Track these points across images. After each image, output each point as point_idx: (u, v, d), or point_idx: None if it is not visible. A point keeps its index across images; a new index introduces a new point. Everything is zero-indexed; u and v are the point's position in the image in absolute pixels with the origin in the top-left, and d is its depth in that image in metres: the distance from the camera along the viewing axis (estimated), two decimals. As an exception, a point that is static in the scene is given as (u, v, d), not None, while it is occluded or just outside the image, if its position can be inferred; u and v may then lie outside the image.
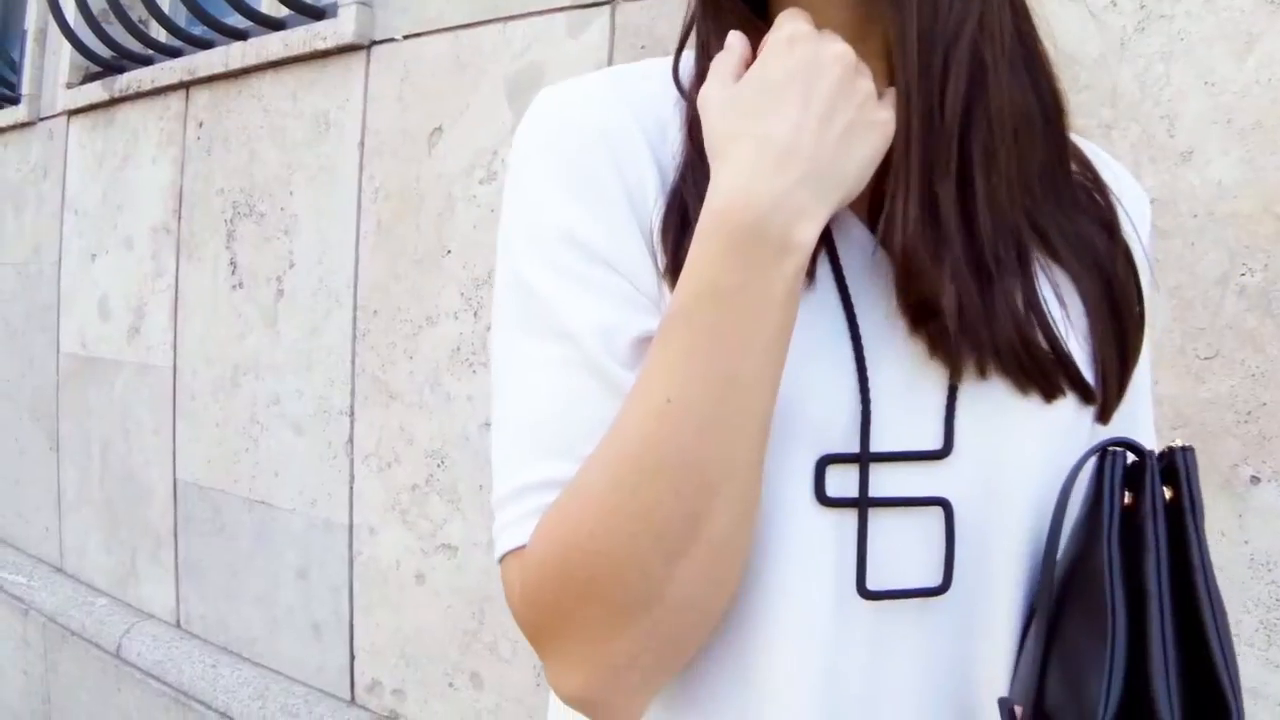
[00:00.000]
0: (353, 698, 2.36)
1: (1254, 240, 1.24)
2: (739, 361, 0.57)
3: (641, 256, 0.63)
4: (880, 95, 0.62)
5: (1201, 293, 1.28)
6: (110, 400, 3.09)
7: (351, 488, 2.31)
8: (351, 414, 2.30)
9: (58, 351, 3.35)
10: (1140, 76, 1.30)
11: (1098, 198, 0.71)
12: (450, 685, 2.13)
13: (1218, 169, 1.26)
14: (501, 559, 0.63)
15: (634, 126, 0.65)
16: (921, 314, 0.63)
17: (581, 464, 0.59)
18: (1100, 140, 1.30)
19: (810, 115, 0.59)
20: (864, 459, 0.62)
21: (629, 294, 0.63)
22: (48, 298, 3.40)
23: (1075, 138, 0.72)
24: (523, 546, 0.61)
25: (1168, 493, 0.58)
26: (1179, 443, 0.58)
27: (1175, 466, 0.58)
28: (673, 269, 0.61)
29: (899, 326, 0.64)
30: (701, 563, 0.58)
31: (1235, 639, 1.27)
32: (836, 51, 0.60)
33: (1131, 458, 0.60)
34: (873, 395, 0.62)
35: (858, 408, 0.62)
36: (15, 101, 3.66)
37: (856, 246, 0.65)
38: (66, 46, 3.24)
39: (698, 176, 0.63)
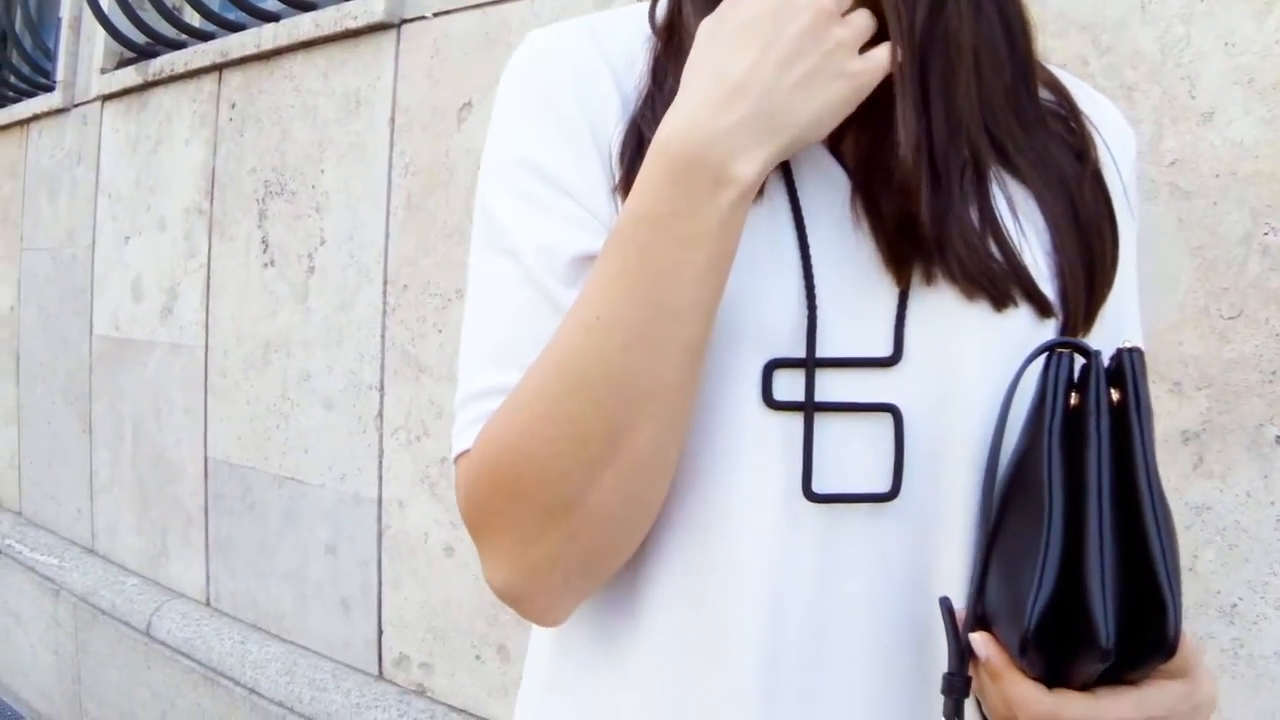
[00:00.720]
0: (380, 672, 2.41)
1: (1276, 199, 1.27)
2: (667, 286, 0.60)
3: (595, 180, 0.68)
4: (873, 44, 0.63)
5: (1224, 253, 1.30)
6: (142, 381, 3.16)
7: (381, 462, 2.36)
8: (381, 388, 2.35)
9: (91, 334, 3.43)
10: (1161, 38, 1.33)
11: (1072, 124, 0.73)
12: (477, 658, 2.18)
13: (1239, 129, 1.28)
14: (455, 460, 0.68)
15: (600, 62, 0.70)
16: (879, 220, 0.66)
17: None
18: (1122, 102, 1.33)
19: (768, 58, 0.61)
20: (809, 363, 0.65)
21: (576, 215, 0.67)
22: (81, 281, 3.47)
23: (1058, 71, 0.76)
24: (467, 450, 0.67)
25: (1115, 395, 0.58)
26: (1128, 344, 0.58)
27: (1123, 368, 0.58)
28: (624, 188, 0.66)
29: (848, 235, 0.66)
30: (622, 476, 0.62)
31: (1262, 601, 1.30)
32: (786, 9, 0.62)
33: (1080, 361, 0.60)
34: (821, 302, 0.65)
35: (804, 313, 0.65)
36: (50, 89, 3.75)
37: (807, 156, 0.68)
38: (101, 33, 3.32)
39: (655, 105, 0.67)
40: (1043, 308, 0.67)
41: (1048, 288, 0.68)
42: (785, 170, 0.67)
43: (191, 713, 2.85)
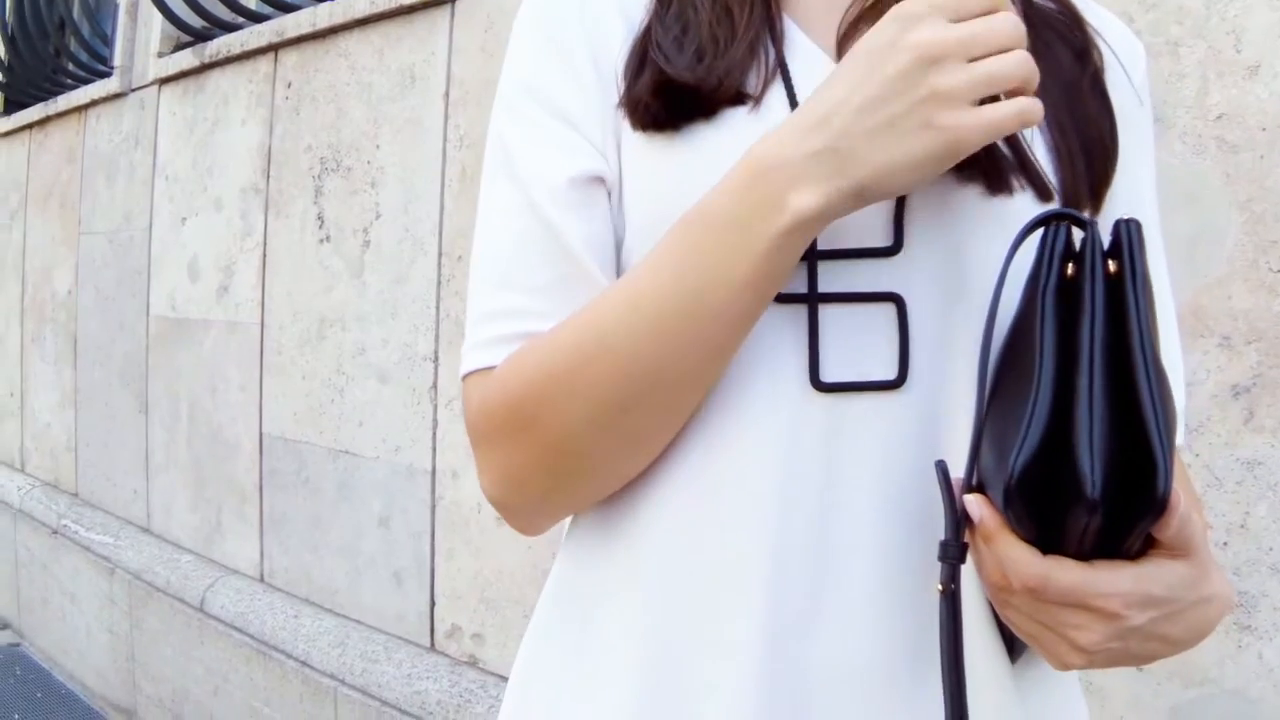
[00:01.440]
0: (432, 644, 2.49)
1: (1323, 152, 1.31)
2: (707, 288, 0.64)
3: (594, 107, 0.73)
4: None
5: (1273, 206, 1.34)
6: (198, 360, 3.27)
7: (435, 433, 2.44)
8: (436, 360, 2.43)
9: (147, 315, 3.55)
10: (1209, -7, 1.37)
11: (1074, 29, 0.76)
12: (529, 625, 2.24)
13: (1287, 82, 1.32)
14: (465, 377, 0.74)
15: None
16: None
17: (533, 295, 0.71)
18: (1167, 58, 1.37)
19: (854, 96, 0.61)
20: (811, 255, 0.67)
21: (572, 140, 0.72)
22: (138, 263, 3.59)
23: None
24: (481, 369, 0.73)
25: (1113, 266, 0.59)
26: (1125, 216, 0.60)
27: (1120, 240, 0.59)
28: (626, 104, 0.72)
29: None
30: (624, 442, 0.69)
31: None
32: (917, 40, 0.60)
33: (1080, 234, 0.61)
34: None
35: None
36: (107, 74, 3.88)
37: (802, 52, 0.72)
38: (157, 17, 3.45)
39: (659, 26, 0.73)
40: (1043, 192, 0.70)
41: (1049, 173, 0.70)
42: (783, 72, 0.70)
43: (244, 687, 2.95)
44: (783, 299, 0.67)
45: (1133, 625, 0.60)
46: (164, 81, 3.51)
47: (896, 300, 0.68)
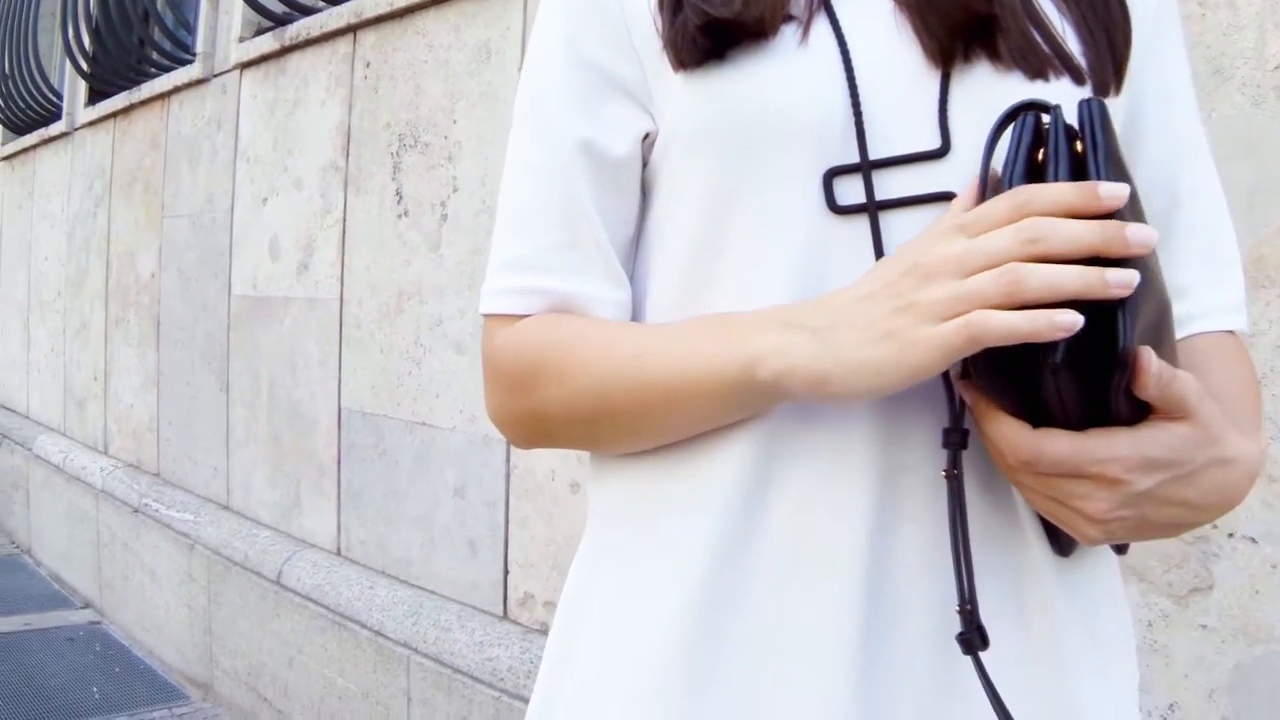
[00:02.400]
0: (505, 612, 2.59)
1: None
2: (699, 374, 0.71)
3: (628, 56, 0.77)
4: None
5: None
6: (279, 337, 3.42)
7: (508, 401, 2.54)
8: (510, 329, 2.53)
9: (229, 294, 3.71)
10: (1273, -56, 1.43)
11: None
12: (600, 589, 2.33)
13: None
14: (484, 315, 0.83)
15: None
16: (925, 7, 0.71)
17: (545, 253, 0.79)
18: (1225, 9, 1.43)
19: (859, 291, 0.66)
20: (865, 166, 0.71)
21: (602, 100, 0.78)
22: (220, 243, 3.76)
23: None
24: (499, 315, 0.81)
25: (1079, 146, 0.61)
26: (1088, 97, 0.62)
27: (1082, 120, 0.62)
28: (667, 43, 0.75)
29: (882, 33, 0.73)
30: (619, 444, 0.79)
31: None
32: (917, 253, 0.64)
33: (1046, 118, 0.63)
34: (865, 103, 0.71)
35: (851, 116, 0.71)
36: (190, 61, 4.05)
37: None
38: (239, 3, 3.61)
39: None
40: (1078, 76, 0.73)
41: (1079, 57, 0.74)
42: (826, 4, 0.73)
43: (318, 657, 3.08)
44: (843, 211, 0.71)
45: (1139, 490, 0.63)
46: (245, 66, 3.67)
47: (951, 199, 0.70)
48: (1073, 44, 0.74)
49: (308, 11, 3.36)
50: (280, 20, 3.46)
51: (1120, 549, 0.78)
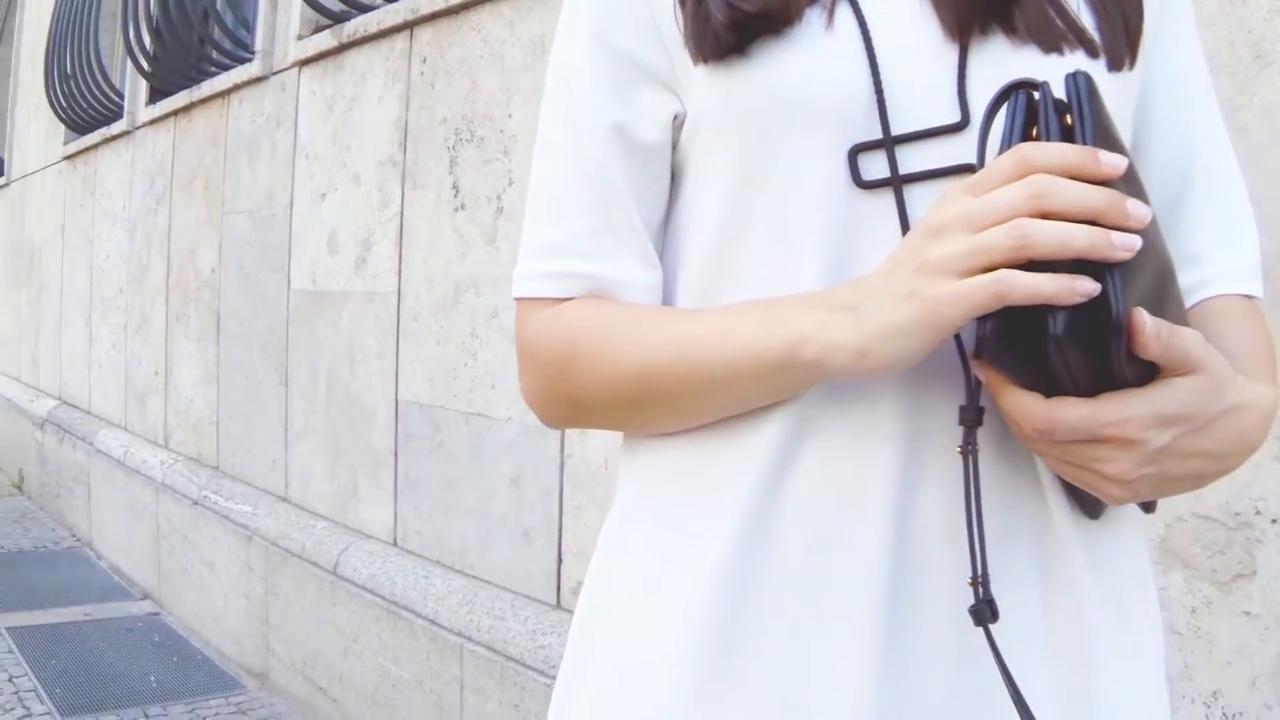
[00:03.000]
0: (558, 601, 2.65)
1: None
2: (741, 358, 0.73)
3: (649, 45, 0.80)
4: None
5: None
6: (337, 330, 3.51)
7: (563, 391, 2.60)
8: (564, 320, 2.59)
9: (288, 289, 3.81)
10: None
11: None
12: (652, 578, 2.38)
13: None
14: (516, 299, 0.86)
15: None
16: None
17: (578, 238, 0.81)
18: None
19: (887, 263, 0.70)
20: (888, 141, 0.73)
21: (632, 87, 0.80)
22: (279, 239, 3.86)
23: None
24: (530, 298, 0.84)
25: (1068, 119, 0.64)
26: (1073, 70, 0.65)
27: (1069, 94, 0.64)
28: (687, 33, 0.78)
29: (901, 10, 0.75)
30: (649, 427, 0.82)
31: None
32: (930, 216, 0.67)
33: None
34: (886, 80, 0.73)
35: (872, 93, 0.73)
36: (249, 59, 4.16)
37: None
38: (297, 2, 3.70)
39: None
40: (1092, 50, 0.75)
41: (1093, 31, 0.76)
42: None
43: (373, 646, 3.16)
44: (868, 185, 0.74)
45: (1157, 447, 0.65)
46: (303, 63, 3.77)
47: (972, 170, 0.71)
48: (1087, 18, 0.76)
49: (365, 9, 3.44)
50: (338, 18, 3.55)
51: (1148, 507, 0.80)
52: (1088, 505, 0.76)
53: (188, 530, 4.42)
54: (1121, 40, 0.77)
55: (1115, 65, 0.76)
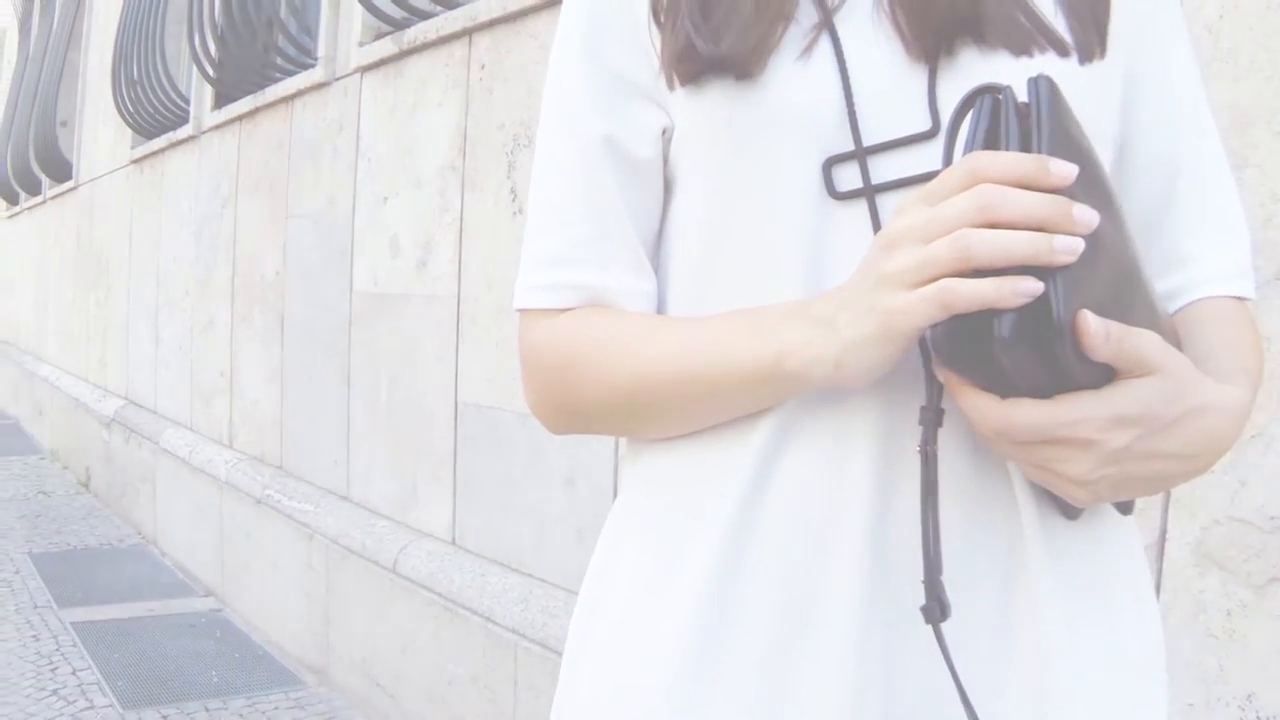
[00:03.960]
0: (613, 599, 2.71)
1: None
2: (726, 367, 0.77)
3: (638, 61, 0.83)
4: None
5: None
6: (398, 332, 3.62)
7: (617, 393, 2.67)
8: (618, 323, 2.66)
9: (351, 291, 3.93)
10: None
11: None
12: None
13: None
14: (518, 309, 0.89)
15: None
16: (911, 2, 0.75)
17: (576, 248, 0.84)
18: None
19: (855, 274, 0.71)
20: (860, 152, 0.75)
21: (623, 100, 0.83)
22: (342, 242, 3.97)
23: None
24: (531, 309, 0.87)
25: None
26: (1035, 74, 0.66)
27: (1029, 98, 0.66)
28: (661, 59, 0.81)
29: (871, 25, 0.77)
30: (651, 430, 0.85)
31: None
32: (885, 230, 0.69)
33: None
34: (857, 95, 0.75)
35: (844, 106, 0.75)
36: (312, 65, 4.28)
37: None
38: (359, 9, 3.82)
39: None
40: (1062, 50, 0.77)
41: (1062, 29, 0.77)
42: (830, 27, 0.77)
43: (430, 644, 3.26)
44: (842, 196, 0.76)
45: (1115, 448, 0.66)
46: (365, 69, 3.89)
47: None
48: (1054, 13, 0.78)
49: (425, 16, 3.55)
50: (398, 25, 3.66)
51: (1124, 508, 0.81)
52: (1064, 506, 0.77)
53: (251, 528, 4.56)
54: (1090, 30, 0.79)
55: (1086, 57, 0.78)
